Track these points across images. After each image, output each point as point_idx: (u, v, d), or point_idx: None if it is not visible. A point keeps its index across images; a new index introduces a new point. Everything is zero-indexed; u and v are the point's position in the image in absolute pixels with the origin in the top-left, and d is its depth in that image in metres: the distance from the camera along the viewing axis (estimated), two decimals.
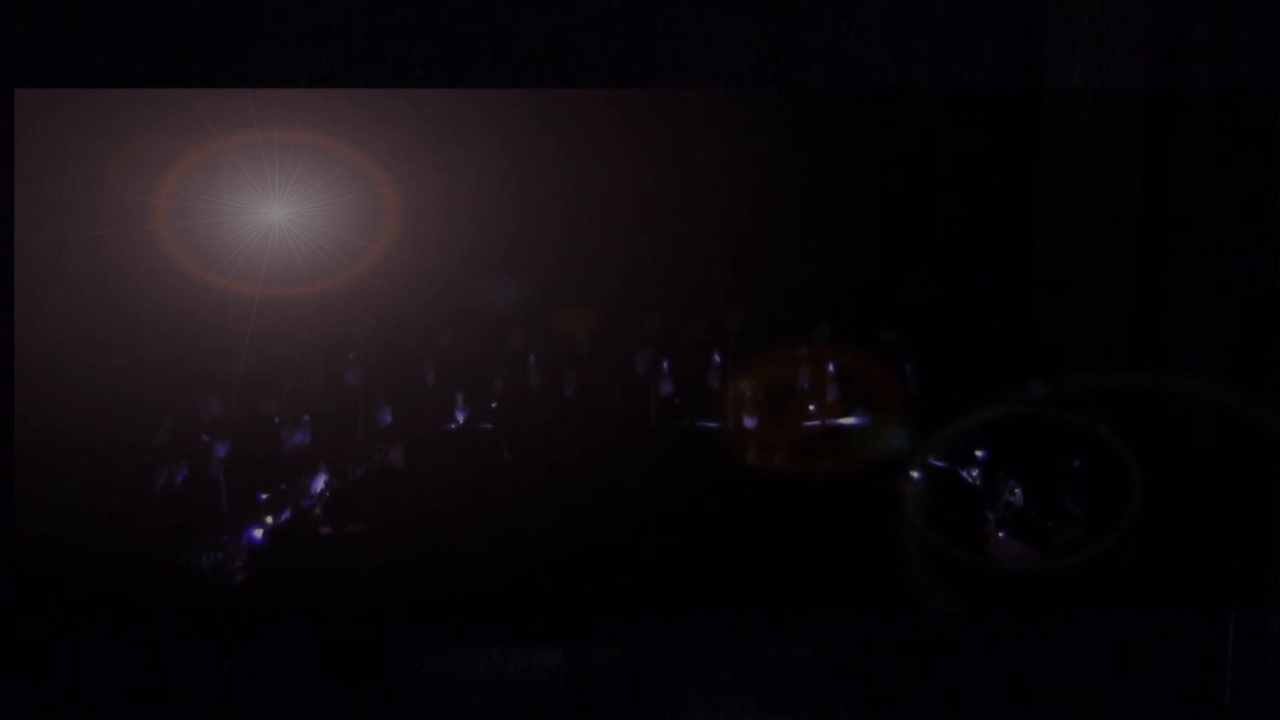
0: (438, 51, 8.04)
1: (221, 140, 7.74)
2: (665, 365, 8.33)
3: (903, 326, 8.71)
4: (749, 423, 7.81)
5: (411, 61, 8.02)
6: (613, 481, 6.69)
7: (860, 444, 7.34)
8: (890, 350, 8.41)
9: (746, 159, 9.68)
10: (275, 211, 7.88)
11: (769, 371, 8.17)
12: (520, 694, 6.18)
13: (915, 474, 6.93)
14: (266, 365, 8.17)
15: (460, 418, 7.75)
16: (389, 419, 8.01)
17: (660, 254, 9.50)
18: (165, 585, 5.97)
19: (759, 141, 9.64)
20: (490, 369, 8.41)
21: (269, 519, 6.57)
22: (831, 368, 8.18)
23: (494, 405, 8.13)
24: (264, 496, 6.79)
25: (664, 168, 9.63)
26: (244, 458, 7.13)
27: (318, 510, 6.79)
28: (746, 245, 9.57)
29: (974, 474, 6.87)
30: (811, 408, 8.01)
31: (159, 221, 7.84)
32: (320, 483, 7.10)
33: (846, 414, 7.98)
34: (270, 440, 7.42)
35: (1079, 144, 7.89)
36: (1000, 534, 6.44)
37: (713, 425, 7.91)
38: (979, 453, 6.94)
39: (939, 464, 6.97)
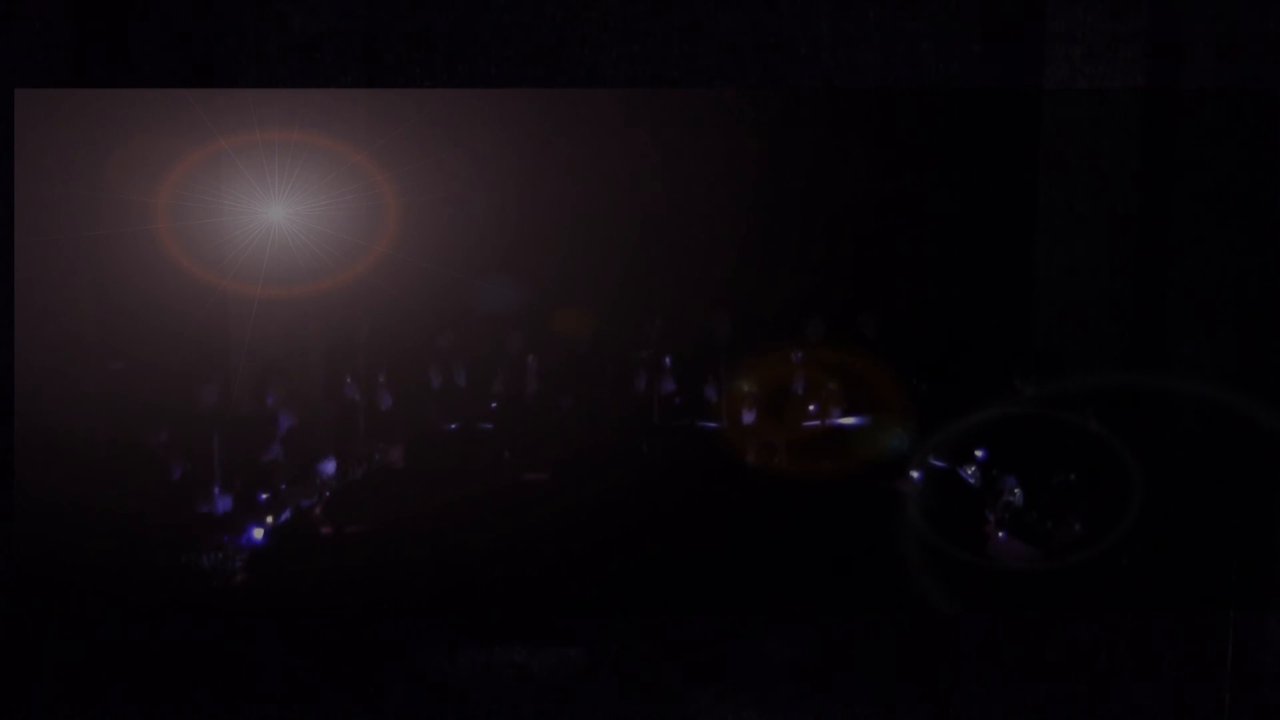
0: (438, 51, 8.05)
1: (221, 140, 7.74)
2: (665, 364, 8.34)
3: (903, 326, 8.72)
4: (747, 417, 7.81)
5: (411, 61, 8.03)
6: (613, 481, 6.69)
7: (860, 444, 7.34)
8: (890, 350, 8.41)
9: (746, 159, 9.68)
10: (275, 211, 7.87)
11: (768, 371, 8.18)
12: (520, 693, 6.18)
13: (915, 474, 6.93)
14: (266, 365, 8.17)
15: None
16: (391, 420, 8.01)
17: (660, 254, 9.51)
18: (165, 585, 5.96)
19: (759, 141, 9.65)
20: (491, 369, 8.42)
21: (269, 519, 6.57)
22: (831, 368, 8.18)
23: (494, 405, 8.14)
24: (264, 496, 6.80)
25: (664, 168, 9.64)
26: (243, 457, 7.13)
27: (318, 510, 6.79)
28: (746, 245, 9.58)
29: (973, 473, 6.87)
30: (811, 408, 8.01)
31: (159, 221, 7.83)
32: (331, 468, 7.13)
33: (846, 414, 7.99)
34: (268, 440, 7.41)
35: (1079, 144, 7.90)
36: (1000, 534, 6.44)
37: (713, 425, 7.91)
38: (979, 453, 6.94)
39: (939, 464, 6.97)
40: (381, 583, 6.03)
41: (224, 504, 6.80)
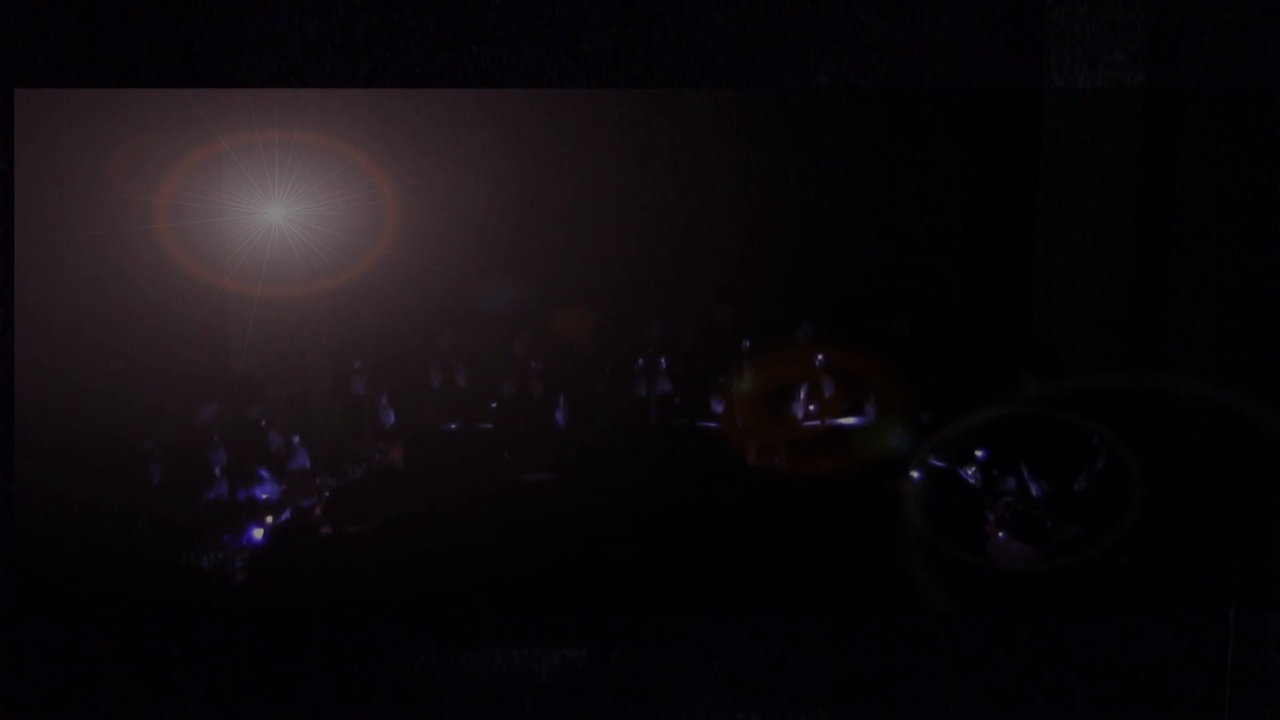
0: (438, 51, 8.05)
1: (221, 140, 7.74)
2: (664, 365, 8.34)
3: (903, 327, 8.72)
4: (748, 417, 7.81)
5: (412, 61, 8.03)
6: (612, 481, 6.69)
7: (860, 444, 7.34)
8: (890, 350, 8.41)
9: (746, 159, 9.68)
10: (275, 211, 7.88)
11: (768, 371, 8.18)
12: (520, 693, 6.18)
13: (915, 474, 6.93)
14: (266, 365, 8.17)
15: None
16: (391, 419, 8.00)
17: (661, 254, 9.51)
18: (165, 585, 5.96)
19: (759, 141, 9.65)
20: (491, 369, 8.42)
21: (269, 519, 6.57)
22: (831, 368, 8.18)
23: (494, 405, 8.14)
24: (264, 496, 6.80)
25: (664, 168, 9.64)
26: (243, 457, 7.13)
27: (318, 510, 6.79)
28: (746, 245, 9.58)
29: (973, 473, 6.87)
30: (812, 408, 8.01)
31: (159, 221, 7.84)
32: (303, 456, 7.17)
33: (846, 414, 7.99)
34: (267, 440, 7.41)
35: (1079, 144, 7.90)
36: (1000, 534, 6.44)
37: (713, 425, 7.91)
38: (979, 453, 6.94)
39: (939, 464, 6.97)
40: (381, 583, 6.03)
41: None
